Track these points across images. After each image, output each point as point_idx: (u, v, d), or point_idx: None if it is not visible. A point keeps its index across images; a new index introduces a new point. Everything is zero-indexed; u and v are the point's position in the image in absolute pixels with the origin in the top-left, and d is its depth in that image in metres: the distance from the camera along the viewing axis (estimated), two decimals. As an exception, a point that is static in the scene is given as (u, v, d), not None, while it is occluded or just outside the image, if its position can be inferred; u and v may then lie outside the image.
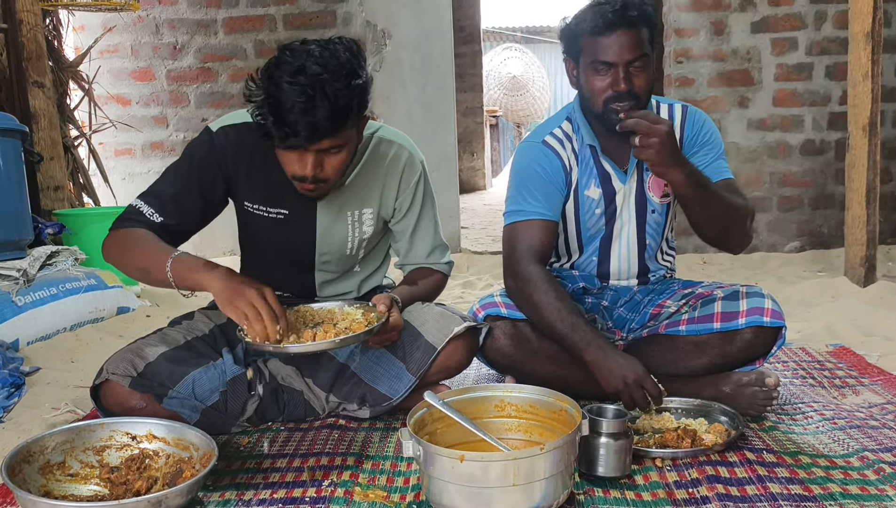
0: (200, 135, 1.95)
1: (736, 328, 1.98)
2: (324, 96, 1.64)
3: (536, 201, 2.07)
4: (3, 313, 2.70)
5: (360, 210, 2.02)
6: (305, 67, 1.65)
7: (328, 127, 1.68)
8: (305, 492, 1.60)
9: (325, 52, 1.69)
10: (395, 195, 2.04)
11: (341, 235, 2.03)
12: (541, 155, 2.11)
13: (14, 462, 1.51)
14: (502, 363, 2.10)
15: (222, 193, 1.96)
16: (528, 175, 2.11)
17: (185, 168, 1.93)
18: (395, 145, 2.03)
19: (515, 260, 2.04)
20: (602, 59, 1.93)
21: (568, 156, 2.11)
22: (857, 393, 2.17)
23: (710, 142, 2.11)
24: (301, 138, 1.67)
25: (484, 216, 7.22)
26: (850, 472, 1.64)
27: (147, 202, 1.89)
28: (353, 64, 1.71)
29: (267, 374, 1.98)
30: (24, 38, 3.75)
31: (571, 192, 2.12)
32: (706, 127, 2.12)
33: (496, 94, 12.93)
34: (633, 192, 2.12)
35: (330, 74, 1.66)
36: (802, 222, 4.80)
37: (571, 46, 2.04)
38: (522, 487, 1.40)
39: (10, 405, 2.19)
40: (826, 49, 4.66)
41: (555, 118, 2.20)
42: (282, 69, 1.66)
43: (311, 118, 1.65)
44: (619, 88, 1.92)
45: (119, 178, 5.08)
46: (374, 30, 4.87)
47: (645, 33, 1.94)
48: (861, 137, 3.54)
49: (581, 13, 1.99)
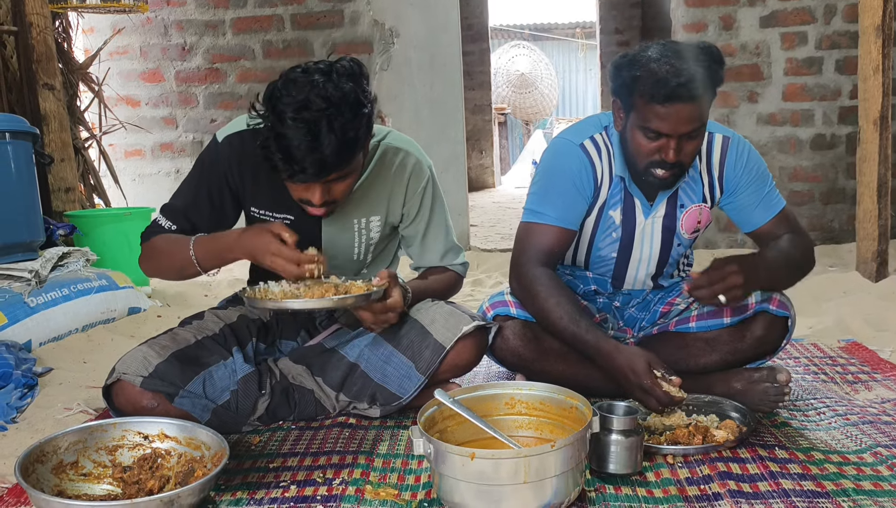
0: (209, 144, 1.97)
1: (745, 318, 1.98)
2: (330, 131, 1.62)
3: (558, 206, 2.00)
4: (15, 315, 2.72)
5: (368, 218, 2.02)
6: (310, 103, 1.62)
7: (336, 162, 1.66)
8: (317, 491, 1.60)
9: (329, 82, 1.65)
10: (403, 202, 2.03)
11: (347, 241, 2.03)
12: (576, 158, 2.00)
13: (27, 462, 1.51)
14: (513, 362, 2.09)
15: (231, 201, 1.97)
16: (557, 177, 2.02)
17: (195, 179, 1.96)
18: (402, 152, 2.02)
19: (523, 262, 2.01)
20: (655, 128, 1.81)
21: (603, 168, 2.01)
22: (870, 389, 2.16)
23: (758, 176, 2.03)
24: (309, 175, 1.66)
25: (493, 214, 7.22)
26: (863, 468, 1.63)
27: (165, 215, 1.95)
28: (358, 92, 1.68)
29: (278, 373, 1.99)
30: (34, 41, 3.76)
31: (597, 207, 2.04)
32: (750, 162, 2.02)
33: (504, 91, 12.91)
34: (657, 225, 2.06)
35: (335, 107, 1.63)
36: (813, 217, 4.77)
37: (622, 94, 1.89)
38: (533, 484, 1.40)
39: (24, 405, 2.20)
40: (836, 43, 4.63)
41: (594, 122, 2.07)
42: (285, 102, 1.63)
43: (319, 155, 1.63)
44: (667, 158, 1.83)
45: (129, 179, 5.10)
46: (381, 29, 4.87)
47: (707, 102, 1.81)
48: (872, 132, 3.52)
49: (641, 68, 1.80)
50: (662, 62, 1.77)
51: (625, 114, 1.90)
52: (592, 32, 12.74)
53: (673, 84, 1.74)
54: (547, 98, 13.42)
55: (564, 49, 16.68)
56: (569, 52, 16.71)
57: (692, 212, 2.04)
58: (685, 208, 2.04)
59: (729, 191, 2.04)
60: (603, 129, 2.04)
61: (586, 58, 16.06)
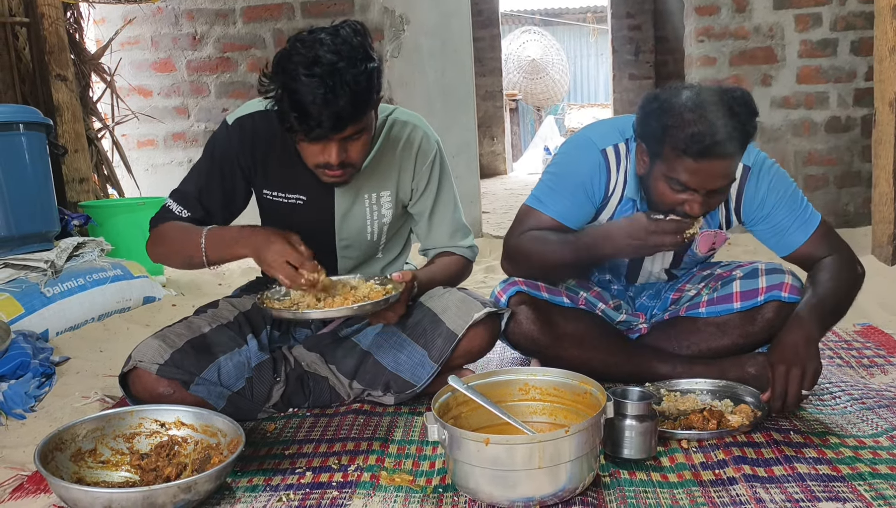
0: (219, 128, 1.98)
1: (756, 306, 1.96)
2: (343, 84, 1.64)
3: (562, 201, 1.98)
4: (32, 305, 2.74)
5: (378, 193, 2.02)
6: (320, 58, 1.64)
7: (352, 114, 1.68)
8: (332, 477, 1.61)
9: (337, 38, 1.68)
10: (412, 176, 2.04)
11: (360, 218, 2.03)
12: (594, 164, 1.95)
13: (47, 449, 1.53)
14: (526, 346, 2.09)
15: (243, 185, 1.98)
16: (571, 174, 1.98)
17: (206, 163, 1.97)
18: (410, 126, 2.02)
19: (512, 235, 2.02)
20: (683, 182, 1.73)
21: (617, 180, 1.97)
22: (886, 373, 2.15)
23: (787, 200, 1.94)
24: (326, 129, 1.67)
25: (505, 201, 7.21)
26: (879, 452, 1.62)
27: (175, 200, 1.96)
28: (366, 46, 1.71)
29: (292, 361, 2.00)
30: (46, 32, 3.78)
31: (606, 212, 2.01)
32: (772, 190, 1.93)
33: (515, 77, 12.85)
34: None
35: (346, 60, 1.65)
36: (828, 200, 4.73)
37: (649, 141, 1.80)
38: (548, 470, 1.40)
39: (42, 394, 2.22)
40: (851, 24, 4.57)
41: (620, 128, 1.99)
42: (296, 61, 1.65)
43: (335, 108, 1.64)
44: (692, 212, 1.76)
45: (142, 169, 5.12)
46: (391, 16, 4.85)
47: (740, 157, 1.74)
48: (888, 113, 3.47)
49: (673, 117, 1.70)
50: (697, 114, 1.68)
51: (650, 160, 1.82)
52: (603, 17, 12.67)
53: (708, 141, 1.66)
54: (558, 84, 13.35)
55: (575, 34, 16.59)
56: (580, 36, 16.63)
57: (707, 235, 1.96)
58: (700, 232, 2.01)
59: (753, 221, 1.98)
60: (625, 140, 1.97)
61: (597, 42, 15.97)
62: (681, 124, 1.69)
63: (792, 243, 1.97)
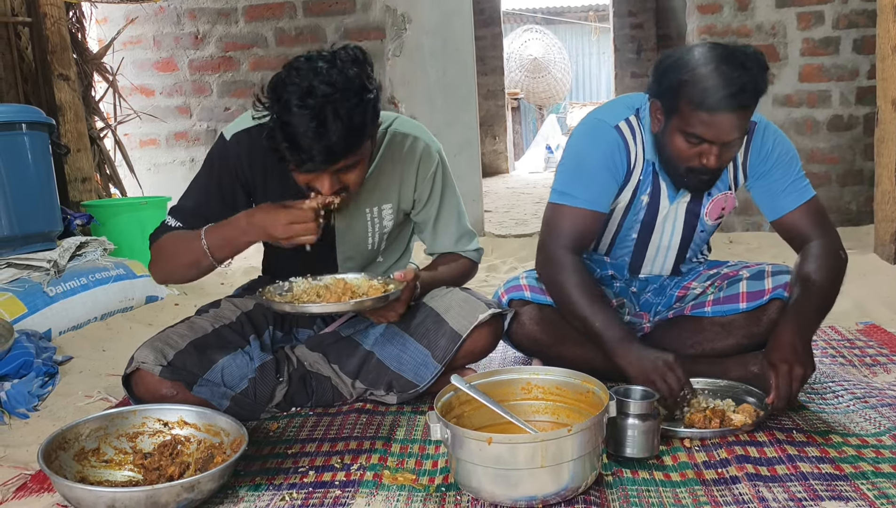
0: (216, 143, 1.95)
1: (761, 305, 1.96)
2: (336, 118, 1.60)
3: (589, 187, 1.94)
4: (35, 304, 2.75)
5: (380, 206, 2.01)
6: (314, 88, 1.60)
7: (344, 148, 1.65)
8: (335, 476, 1.61)
9: (333, 69, 1.63)
10: (414, 188, 2.02)
11: (361, 232, 2.02)
12: (611, 139, 1.95)
13: (50, 449, 1.54)
14: (529, 347, 2.09)
15: (244, 199, 1.96)
16: (589, 157, 1.96)
17: (205, 179, 1.94)
18: (411, 138, 2.00)
19: (551, 246, 1.96)
20: (700, 134, 1.77)
21: (637, 151, 1.97)
22: (889, 371, 2.14)
23: (786, 161, 1.99)
24: (317, 163, 1.64)
25: (507, 199, 7.20)
26: (882, 450, 1.62)
27: (174, 217, 1.92)
28: (363, 77, 1.67)
29: (295, 360, 2.00)
30: (48, 32, 3.78)
31: (628, 190, 2.00)
32: (777, 147, 1.98)
33: (517, 76, 12.83)
34: (681, 210, 2.03)
35: (340, 92, 1.61)
36: (831, 199, 4.72)
37: (665, 97, 1.83)
38: (550, 469, 1.40)
39: (45, 393, 2.23)
40: (853, 22, 4.56)
41: (626, 103, 2.03)
42: (289, 91, 1.61)
43: (326, 142, 1.61)
44: (708, 165, 1.80)
45: (144, 168, 5.13)
46: (393, 14, 4.85)
47: (752, 110, 1.78)
48: (890, 112, 3.47)
49: (689, 72, 1.76)
50: (712, 67, 1.72)
51: (665, 117, 1.85)
52: (605, 15, 12.65)
53: (723, 93, 1.71)
54: (560, 82, 13.32)
55: (577, 32, 16.55)
56: (582, 35, 16.59)
57: (718, 199, 2.02)
58: (712, 196, 2.02)
59: (755, 176, 2.01)
60: (635, 111, 1.99)
61: (599, 41, 15.93)
62: (696, 78, 1.74)
63: (782, 206, 1.99)
